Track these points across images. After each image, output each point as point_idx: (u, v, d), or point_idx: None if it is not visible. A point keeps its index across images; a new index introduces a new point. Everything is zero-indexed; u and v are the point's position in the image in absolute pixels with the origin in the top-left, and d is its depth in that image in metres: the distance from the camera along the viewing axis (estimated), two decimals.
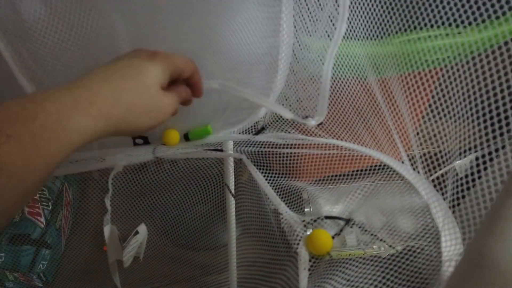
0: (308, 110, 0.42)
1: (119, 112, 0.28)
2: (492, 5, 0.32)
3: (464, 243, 0.27)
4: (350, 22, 0.41)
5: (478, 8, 0.33)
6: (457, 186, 0.32)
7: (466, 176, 0.33)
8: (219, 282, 0.88)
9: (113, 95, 0.28)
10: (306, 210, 0.49)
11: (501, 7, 0.32)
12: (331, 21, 0.40)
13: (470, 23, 0.35)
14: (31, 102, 0.25)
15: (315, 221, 0.34)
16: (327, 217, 0.35)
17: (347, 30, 0.41)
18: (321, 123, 0.42)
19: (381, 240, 0.38)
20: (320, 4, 0.40)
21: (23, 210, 0.89)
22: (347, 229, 0.38)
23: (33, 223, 0.88)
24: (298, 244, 0.34)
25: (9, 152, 0.23)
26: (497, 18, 0.34)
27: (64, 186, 0.98)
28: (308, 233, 0.35)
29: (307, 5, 0.40)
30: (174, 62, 0.32)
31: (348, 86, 0.45)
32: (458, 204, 0.31)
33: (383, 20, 0.41)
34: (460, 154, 0.36)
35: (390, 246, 0.38)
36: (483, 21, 0.34)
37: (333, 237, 0.33)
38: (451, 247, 0.28)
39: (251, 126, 0.49)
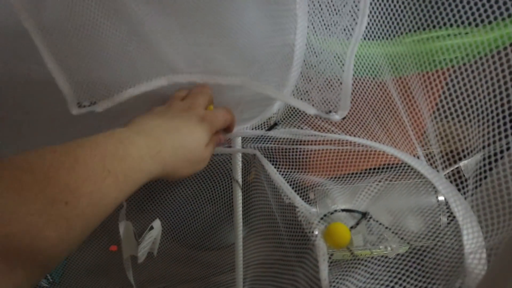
0: (330, 104, 0.42)
1: (174, 163, 0.34)
2: (499, 7, 0.33)
3: (487, 235, 0.27)
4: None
5: (487, 9, 0.34)
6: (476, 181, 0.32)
7: (480, 173, 0.33)
8: (228, 282, 0.88)
9: (172, 148, 0.33)
10: (313, 210, 0.49)
11: (509, 8, 0.32)
12: (351, 16, 0.40)
13: (478, 24, 0.35)
14: (119, 143, 0.29)
15: (332, 213, 0.34)
16: (344, 210, 0.35)
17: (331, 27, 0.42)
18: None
19: (384, 243, 0.38)
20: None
21: None
22: (361, 225, 0.38)
23: None
24: (316, 236, 0.34)
25: (109, 185, 0.27)
26: (503, 19, 0.34)
27: None
28: (324, 226, 0.35)
29: (327, 1, 0.40)
30: (217, 124, 0.40)
31: (361, 84, 0.45)
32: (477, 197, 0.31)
33: (394, 20, 0.41)
34: (468, 153, 0.36)
35: (391, 248, 0.38)
36: (491, 21, 0.34)
37: (351, 228, 0.33)
38: (473, 240, 0.28)
39: (264, 122, 0.49)
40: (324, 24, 0.41)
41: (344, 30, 0.41)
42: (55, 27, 0.37)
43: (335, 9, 0.41)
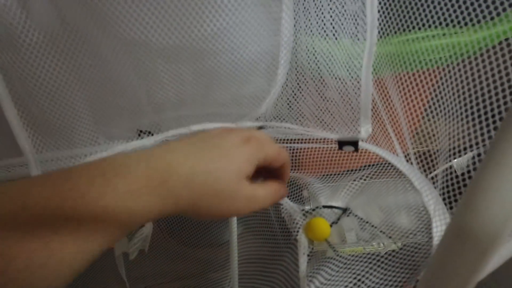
0: (349, 119, 0.42)
1: (189, 195, 0.25)
2: (487, 6, 0.33)
3: None
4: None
5: (474, 9, 0.34)
6: (456, 183, 0.33)
7: (463, 174, 0.34)
8: (222, 279, 0.90)
9: (187, 175, 0.25)
10: (306, 208, 0.51)
11: (496, 8, 0.33)
12: (358, 23, 0.40)
13: (466, 24, 0.36)
14: (100, 175, 0.23)
15: (313, 210, 0.35)
16: (325, 206, 0.36)
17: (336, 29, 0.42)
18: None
19: (376, 239, 0.40)
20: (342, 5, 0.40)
21: None
22: (345, 220, 0.39)
23: None
24: (297, 231, 0.36)
25: (64, 240, 0.21)
26: (492, 19, 0.35)
27: None
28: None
29: (326, 5, 0.41)
30: (266, 150, 0.29)
31: (345, 84, 0.46)
32: (455, 201, 0.32)
33: (382, 21, 0.42)
34: (456, 152, 0.37)
35: (383, 244, 0.39)
36: (479, 21, 0.35)
37: (331, 225, 0.34)
38: (441, 232, 0.29)
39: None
40: (328, 28, 0.41)
41: (351, 30, 0.42)
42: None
43: (338, 11, 0.41)
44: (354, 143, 0.42)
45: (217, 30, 0.37)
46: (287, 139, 0.49)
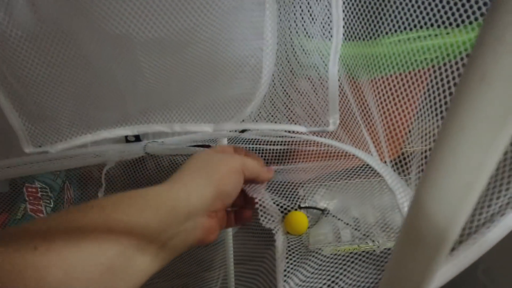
0: (318, 112, 0.43)
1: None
2: (479, 7, 0.33)
3: None
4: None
5: (466, 11, 0.34)
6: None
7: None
8: (219, 278, 0.90)
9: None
10: (302, 206, 0.51)
11: (480, 8, 0.33)
12: (326, 22, 0.41)
13: (458, 25, 0.36)
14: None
15: (292, 210, 0.36)
16: (301, 207, 0.36)
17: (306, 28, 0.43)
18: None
19: (371, 238, 0.40)
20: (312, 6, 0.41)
21: (25, 207, 0.91)
22: (324, 220, 0.40)
23: None
24: (275, 227, 0.36)
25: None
26: (477, 20, 0.35)
27: (66, 184, 1.00)
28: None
29: (301, 7, 0.41)
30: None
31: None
32: None
33: (374, 21, 0.42)
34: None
35: (378, 243, 0.39)
36: (471, 22, 0.35)
37: (309, 227, 0.35)
38: None
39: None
40: (303, 25, 0.42)
41: (322, 29, 0.42)
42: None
43: (310, 8, 0.42)
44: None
45: (197, 24, 0.37)
46: (269, 141, 0.49)
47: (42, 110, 0.41)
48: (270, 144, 0.46)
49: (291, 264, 0.34)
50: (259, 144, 0.48)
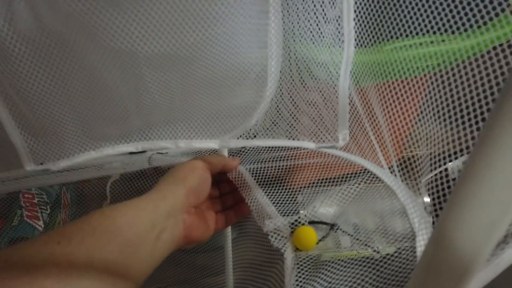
0: (326, 127, 0.43)
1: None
2: (474, 15, 0.34)
3: None
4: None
5: (461, 18, 0.35)
6: (442, 189, 0.33)
7: (448, 181, 0.34)
8: (218, 284, 0.90)
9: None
10: (301, 212, 0.50)
11: (482, 16, 0.34)
12: (337, 34, 0.41)
13: (453, 32, 0.36)
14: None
15: (299, 225, 0.35)
16: (311, 222, 0.36)
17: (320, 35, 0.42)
18: None
19: (370, 244, 0.40)
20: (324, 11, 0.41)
21: (22, 214, 0.90)
22: (337, 231, 0.39)
23: (32, 226, 0.89)
24: (284, 246, 0.36)
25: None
26: (479, 27, 0.36)
27: (63, 189, 0.99)
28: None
29: (310, 17, 0.41)
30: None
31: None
32: (441, 208, 0.33)
33: (372, 29, 0.42)
34: (442, 158, 0.37)
35: (378, 249, 0.39)
36: (466, 30, 0.36)
37: (318, 242, 0.34)
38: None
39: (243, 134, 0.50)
40: (312, 34, 0.42)
41: (332, 36, 0.42)
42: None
43: (320, 15, 0.42)
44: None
45: (205, 39, 0.37)
46: (277, 157, 0.49)
47: (44, 126, 0.40)
48: (274, 161, 0.46)
49: (301, 281, 0.34)
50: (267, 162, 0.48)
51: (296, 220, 0.37)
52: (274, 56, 0.43)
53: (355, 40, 0.42)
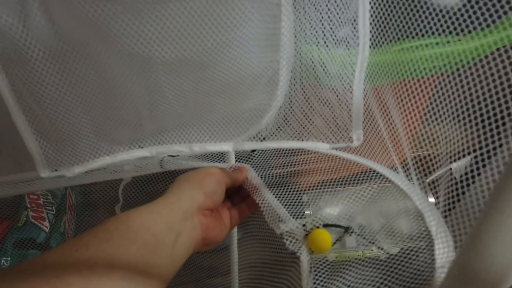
0: (340, 127, 0.43)
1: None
2: (483, 14, 0.34)
3: (456, 250, 0.29)
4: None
5: (469, 17, 0.35)
6: (451, 191, 0.34)
7: (461, 181, 0.34)
8: (224, 284, 0.90)
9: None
10: (306, 212, 0.51)
11: (491, 15, 0.34)
12: (351, 37, 0.41)
13: (459, 33, 0.36)
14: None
15: (317, 227, 0.36)
16: (325, 225, 0.37)
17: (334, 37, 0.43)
18: None
19: (376, 244, 0.40)
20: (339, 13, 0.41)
21: (27, 215, 0.90)
22: (347, 239, 0.40)
23: (38, 227, 0.89)
24: (299, 249, 0.36)
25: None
26: (483, 29, 0.36)
27: (68, 190, 0.99)
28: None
29: (324, 19, 0.41)
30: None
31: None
32: (454, 208, 0.33)
33: (376, 30, 0.42)
34: (452, 156, 0.37)
35: (383, 249, 0.39)
36: (473, 30, 0.36)
37: (334, 243, 0.35)
38: (443, 254, 0.30)
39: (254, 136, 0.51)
40: (325, 35, 0.42)
41: (347, 38, 0.42)
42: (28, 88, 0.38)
43: (334, 18, 0.42)
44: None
45: (219, 44, 0.38)
46: (286, 163, 0.49)
47: (60, 131, 0.40)
48: (284, 167, 0.47)
49: (319, 283, 0.34)
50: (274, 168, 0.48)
51: (309, 223, 0.37)
52: (285, 60, 0.43)
53: (371, 40, 0.42)
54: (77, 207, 1.03)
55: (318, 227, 0.37)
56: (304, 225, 0.37)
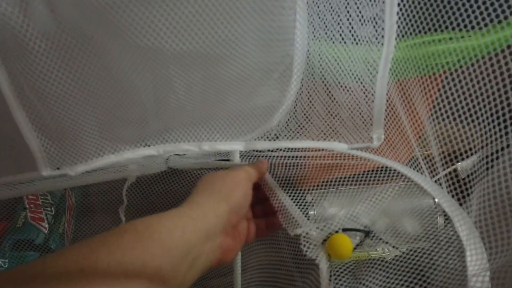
0: (359, 130, 0.41)
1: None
2: (494, 10, 0.33)
3: (491, 258, 0.27)
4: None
5: (481, 13, 0.34)
6: (487, 193, 0.32)
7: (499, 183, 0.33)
8: (226, 285, 0.89)
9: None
10: (310, 213, 0.49)
11: (503, 11, 0.33)
12: (377, 29, 0.39)
13: (473, 28, 0.35)
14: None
15: (332, 234, 0.34)
16: (345, 230, 0.35)
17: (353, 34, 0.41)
18: None
19: (386, 242, 0.39)
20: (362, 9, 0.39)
21: (26, 215, 0.88)
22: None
23: (37, 228, 0.87)
24: (318, 256, 0.34)
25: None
26: (499, 22, 0.34)
27: (67, 190, 0.97)
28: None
29: (348, 12, 0.39)
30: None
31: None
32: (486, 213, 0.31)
33: (414, 21, 0.40)
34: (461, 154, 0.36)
35: (394, 247, 0.38)
36: (486, 25, 0.35)
37: (354, 248, 0.33)
38: (476, 261, 0.28)
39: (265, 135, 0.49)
40: (343, 32, 0.40)
41: (369, 35, 0.41)
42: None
43: (354, 14, 0.40)
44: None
45: (232, 36, 0.36)
46: (293, 156, 0.48)
47: (62, 128, 0.38)
48: (294, 159, 0.45)
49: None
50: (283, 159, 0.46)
51: (327, 227, 0.35)
52: (299, 55, 0.42)
53: (397, 34, 0.40)
54: (76, 208, 1.01)
55: (337, 232, 0.35)
56: (321, 229, 0.35)
